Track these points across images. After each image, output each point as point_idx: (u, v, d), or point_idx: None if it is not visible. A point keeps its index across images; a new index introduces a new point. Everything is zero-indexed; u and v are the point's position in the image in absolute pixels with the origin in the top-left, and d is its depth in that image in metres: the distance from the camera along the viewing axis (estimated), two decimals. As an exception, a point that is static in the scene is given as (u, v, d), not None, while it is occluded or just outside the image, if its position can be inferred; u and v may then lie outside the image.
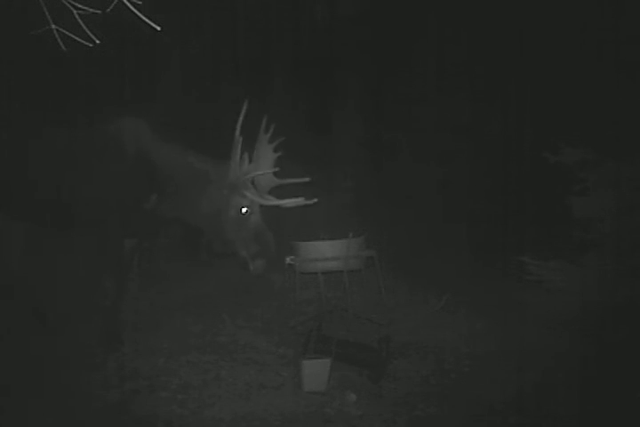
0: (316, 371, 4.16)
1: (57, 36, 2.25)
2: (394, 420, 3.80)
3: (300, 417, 3.84)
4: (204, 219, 4.52)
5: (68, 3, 2.21)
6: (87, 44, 2.26)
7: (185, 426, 3.74)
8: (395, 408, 3.93)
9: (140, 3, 2.15)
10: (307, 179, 4.42)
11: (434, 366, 4.45)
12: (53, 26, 2.24)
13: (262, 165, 4.44)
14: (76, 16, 2.22)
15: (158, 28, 2.20)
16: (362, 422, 3.80)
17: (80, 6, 2.23)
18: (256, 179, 4.49)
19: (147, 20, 2.17)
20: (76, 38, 2.24)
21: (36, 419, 3.68)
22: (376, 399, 4.05)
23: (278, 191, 4.58)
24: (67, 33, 2.23)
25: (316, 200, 4.42)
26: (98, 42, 2.26)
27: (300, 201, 4.39)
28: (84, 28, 2.22)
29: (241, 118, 4.36)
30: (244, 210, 4.42)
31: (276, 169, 4.43)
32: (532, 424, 3.70)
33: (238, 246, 4.45)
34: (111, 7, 2.21)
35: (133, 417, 3.77)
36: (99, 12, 2.28)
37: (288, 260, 5.23)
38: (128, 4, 2.15)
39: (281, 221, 5.05)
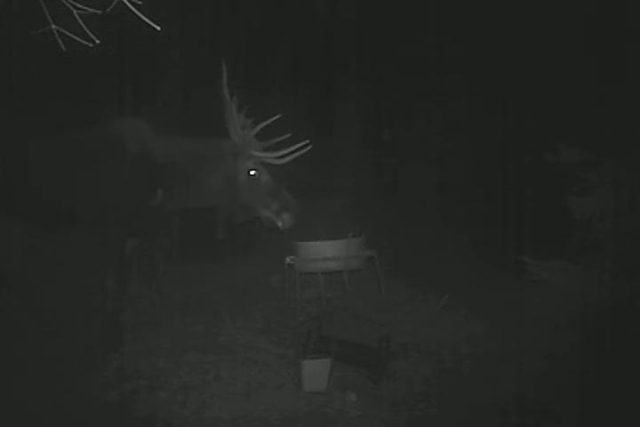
0: (316, 371, 4.16)
1: (57, 36, 2.25)
2: (394, 420, 3.80)
3: (300, 417, 3.84)
4: (216, 196, 4.59)
5: (68, 3, 2.21)
6: (87, 44, 2.26)
7: (185, 426, 3.74)
8: (395, 408, 3.93)
9: (140, 3, 2.15)
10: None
11: (434, 366, 4.45)
12: (53, 26, 2.24)
13: (240, 131, 4.49)
14: (76, 16, 2.22)
15: (158, 28, 2.20)
16: (362, 423, 3.80)
17: (80, 6, 2.23)
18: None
19: (147, 20, 2.17)
20: (76, 38, 2.24)
21: (36, 419, 3.68)
22: (376, 399, 4.05)
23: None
24: (67, 33, 2.23)
25: (308, 142, 4.50)
26: (98, 42, 2.26)
27: (298, 146, 4.49)
28: (84, 28, 2.22)
29: (225, 80, 4.41)
30: (252, 172, 4.51)
31: (280, 115, 4.47)
32: (532, 424, 3.71)
33: (259, 208, 4.55)
34: (111, 7, 2.21)
35: (133, 417, 3.77)
36: (99, 12, 2.28)
37: (288, 260, 5.23)
38: (128, 4, 2.15)
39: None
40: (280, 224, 4.56)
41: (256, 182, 4.53)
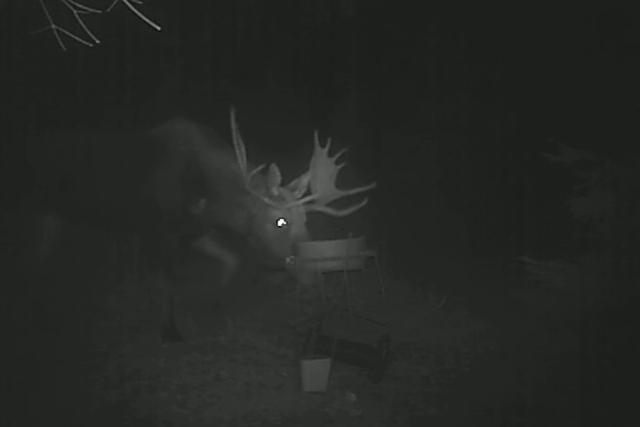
0: (316, 371, 4.15)
1: (57, 36, 2.25)
2: (394, 420, 3.80)
3: (300, 417, 3.84)
4: (243, 229, 4.45)
5: (68, 3, 2.21)
6: (87, 44, 2.26)
7: (185, 426, 3.74)
8: (395, 408, 3.93)
9: (140, 3, 2.16)
10: (373, 185, 4.34)
11: (434, 366, 4.45)
12: (53, 26, 2.24)
13: (324, 178, 4.36)
14: (76, 16, 2.22)
15: (158, 28, 2.21)
16: (362, 422, 3.79)
17: (80, 6, 2.23)
18: (315, 191, 4.39)
19: (147, 20, 2.17)
20: (76, 38, 2.24)
21: (36, 419, 3.68)
22: (376, 399, 4.05)
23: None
24: (67, 33, 2.23)
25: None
26: (98, 42, 2.26)
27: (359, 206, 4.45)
28: (84, 28, 2.22)
29: (234, 127, 4.25)
30: (279, 222, 4.33)
31: (264, 166, 4.28)
32: (531, 424, 3.70)
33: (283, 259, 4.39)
34: (111, 7, 2.21)
35: (133, 417, 3.77)
36: (99, 11, 2.28)
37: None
38: (128, 4, 2.15)
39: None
40: (299, 279, 4.44)
41: (283, 233, 4.34)
